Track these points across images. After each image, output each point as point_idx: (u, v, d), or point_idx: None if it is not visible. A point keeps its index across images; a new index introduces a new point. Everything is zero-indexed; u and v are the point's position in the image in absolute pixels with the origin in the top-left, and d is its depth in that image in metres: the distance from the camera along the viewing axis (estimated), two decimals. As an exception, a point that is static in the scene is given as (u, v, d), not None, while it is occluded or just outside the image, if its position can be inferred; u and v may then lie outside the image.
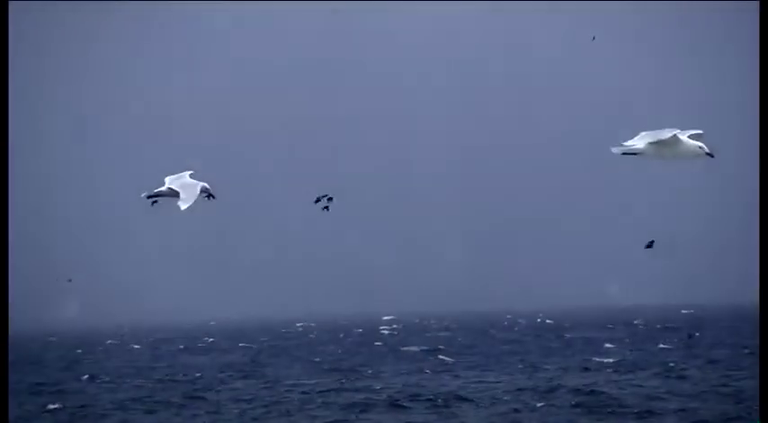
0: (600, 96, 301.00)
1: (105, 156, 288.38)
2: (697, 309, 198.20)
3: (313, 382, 49.61)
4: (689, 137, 14.67)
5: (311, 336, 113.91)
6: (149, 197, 14.99)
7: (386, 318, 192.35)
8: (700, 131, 14.75)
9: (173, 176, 15.34)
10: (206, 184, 15.07)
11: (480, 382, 48.28)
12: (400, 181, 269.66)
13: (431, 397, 41.45)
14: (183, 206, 14.58)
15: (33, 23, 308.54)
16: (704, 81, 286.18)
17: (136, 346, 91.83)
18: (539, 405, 39.18)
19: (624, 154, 14.49)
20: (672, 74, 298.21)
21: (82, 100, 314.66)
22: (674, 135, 14.34)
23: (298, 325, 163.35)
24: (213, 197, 14.83)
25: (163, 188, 15.08)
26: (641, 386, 43.87)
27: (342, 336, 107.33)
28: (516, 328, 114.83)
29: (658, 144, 14.29)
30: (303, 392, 44.79)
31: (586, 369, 53.58)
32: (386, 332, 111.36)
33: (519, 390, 44.28)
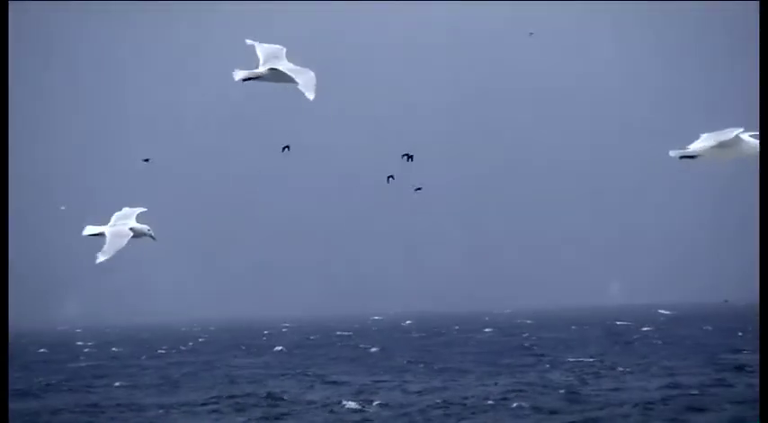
0: (600, 97, 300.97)
1: (105, 156, 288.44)
2: (696, 308, 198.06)
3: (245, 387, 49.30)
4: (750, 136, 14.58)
5: (291, 336, 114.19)
6: (91, 235, 14.82)
7: (375, 318, 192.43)
8: (757, 133, 14.63)
9: (120, 214, 15.09)
10: (146, 227, 14.82)
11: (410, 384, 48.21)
12: (398, 185, 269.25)
13: (363, 400, 41.32)
14: (100, 258, 14.35)
15: (33, 23, 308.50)
16: (704, 81, 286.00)
17: (115, 349, 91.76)
18: (469, 406, 39.24)
19: (682, 158, 14.22)
20: (672, 74, 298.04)
21: (82, 99, 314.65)
22: (737, 135, 14.17)
23: (283, 325, 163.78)
24: (153, 238, 14.69)
25: (100, 231, 14.84)
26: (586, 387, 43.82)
27: (312, 338, 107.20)
28: (487, 329, 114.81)
29: (721, 146, 14.15)
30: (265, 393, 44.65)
31: (537, 371, 53.61)
32: (345, 334, 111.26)
33: (449, 391, 44.30)
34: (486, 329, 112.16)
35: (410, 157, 24.20)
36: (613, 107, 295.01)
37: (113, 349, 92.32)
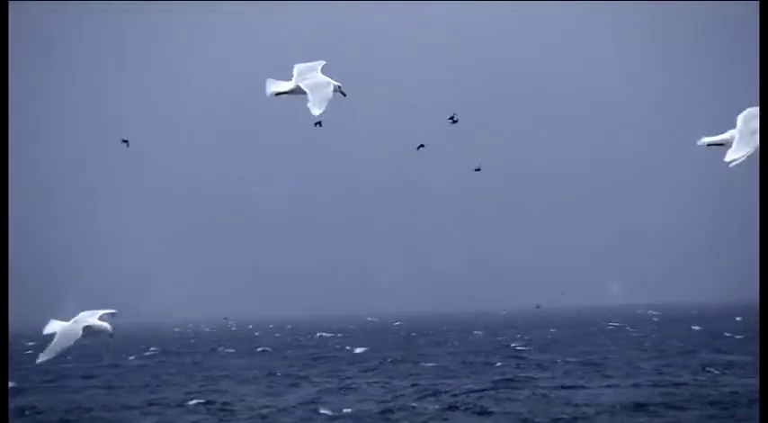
0: (600, 97, 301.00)
1: (105, 156, 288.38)
2: (694, 308, 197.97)
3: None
4: None
5: (280, 337, 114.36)
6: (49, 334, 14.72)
7: (368, 319, 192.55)
8: None
9: (87, 313, 14.96)
10: (105, 325, 14.63)
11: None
12: (398, 185, 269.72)
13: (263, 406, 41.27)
14: (41, 358, 14.29)
15: (33, 23, 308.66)
16: (704, 81, 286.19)
17: (103, 353, 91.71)
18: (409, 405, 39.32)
19: (710, 145, 13.53)
20: (672, 74, 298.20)
21: (82, 99, 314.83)
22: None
23: (270, 326, 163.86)
24: (111, 337, 14.55)
25: (55, 330, 14.69)
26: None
27: (300, 339, 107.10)
28: (477, 332, 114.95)
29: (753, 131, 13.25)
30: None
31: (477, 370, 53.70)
32: (332, 335, 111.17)
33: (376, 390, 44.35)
34: (477, 332, 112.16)
35: (454, 120, 23.99)
36: (613, 107, 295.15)
37: (101, 351, 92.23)
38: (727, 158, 13.11)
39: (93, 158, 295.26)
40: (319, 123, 15.85)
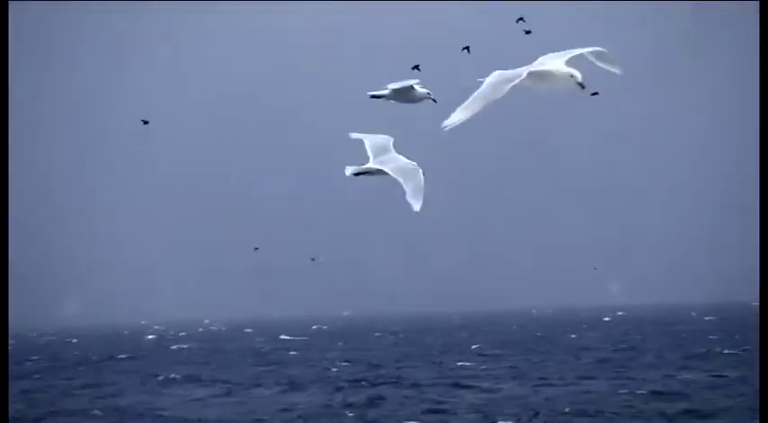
0: (600, 97, 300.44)
1: (105, 156, 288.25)
2: (680, 309, 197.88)
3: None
4: (571, 59, 11.05)
5: (258, 339, 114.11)
6: None
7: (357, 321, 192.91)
8: (601, 49, 11.57)
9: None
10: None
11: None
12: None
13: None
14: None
15: (33, 23, 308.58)
16: (704, 81, 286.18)
17: (75, 353, 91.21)
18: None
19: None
20: (671, 74, 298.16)
21: (82, 99, 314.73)
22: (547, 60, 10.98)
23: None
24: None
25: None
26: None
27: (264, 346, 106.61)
28: (452, 328, 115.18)
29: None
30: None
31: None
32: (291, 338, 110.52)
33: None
34: (460, 333, 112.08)
35: (528, 31, 23.90)
36: (613, 107, 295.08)
37: (74, 353, 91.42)
38: (447, 121, 11.48)
39: (93, 158, 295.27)
40: (417, 67, 15.40)
